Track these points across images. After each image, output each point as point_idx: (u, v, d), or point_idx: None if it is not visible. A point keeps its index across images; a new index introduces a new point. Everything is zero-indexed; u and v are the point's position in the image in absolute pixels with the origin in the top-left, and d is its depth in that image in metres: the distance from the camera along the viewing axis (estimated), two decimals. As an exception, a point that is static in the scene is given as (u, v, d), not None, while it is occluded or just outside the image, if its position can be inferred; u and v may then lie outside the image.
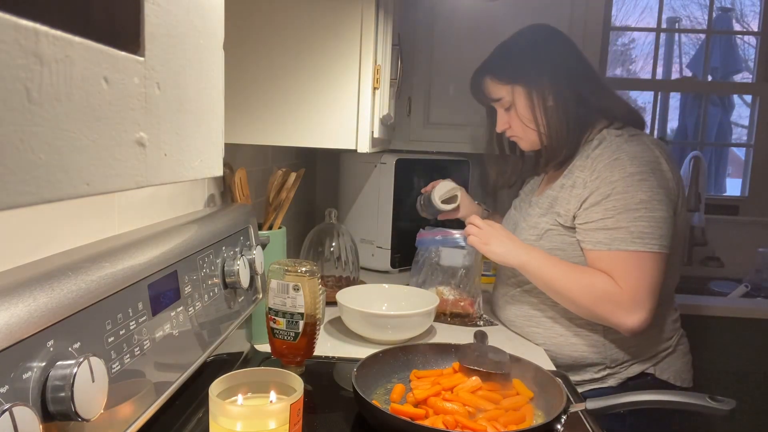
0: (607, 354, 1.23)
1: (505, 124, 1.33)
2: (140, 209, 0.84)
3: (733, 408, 0.80)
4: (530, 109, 1.27)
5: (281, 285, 0.97)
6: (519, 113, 1.29)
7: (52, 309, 0.47)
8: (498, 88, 1.30)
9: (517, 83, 1.28)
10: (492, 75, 1.31)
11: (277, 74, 1.13)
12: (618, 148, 1.18)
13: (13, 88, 0.24)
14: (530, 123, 1.28)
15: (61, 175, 0.27)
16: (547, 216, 1.25)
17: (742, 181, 2.57)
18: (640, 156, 1.17)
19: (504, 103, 1.31)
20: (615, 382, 1.24)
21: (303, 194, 1.97)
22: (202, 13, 0.44)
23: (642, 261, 1.12)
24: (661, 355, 1.25)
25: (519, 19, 1.95)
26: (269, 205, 1.19)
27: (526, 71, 1.28)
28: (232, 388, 0.71)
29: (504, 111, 1.32)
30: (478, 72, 1.35)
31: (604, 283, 1.14)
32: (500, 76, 1.30)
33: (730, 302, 2.11)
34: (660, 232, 1.13)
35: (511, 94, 1.29)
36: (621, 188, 1.14)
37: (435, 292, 1.38)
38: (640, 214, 1.13)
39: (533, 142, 1.32)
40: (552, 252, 1.23)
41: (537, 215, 1.28)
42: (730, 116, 2.81)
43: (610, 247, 1.14)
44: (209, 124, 0.47)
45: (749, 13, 3.15)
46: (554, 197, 1.25)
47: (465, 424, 0.83)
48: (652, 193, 1.14)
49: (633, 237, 1.12)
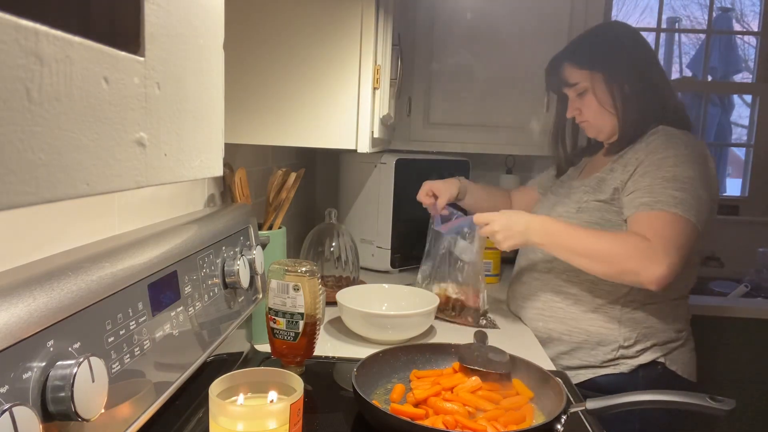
0: (621, 331, 1.26)
1: (576, 110, 1.38)
2: (140, 209, 0.84)
3: (733, 408, 0.80)
4: (609, 94, 1.32)
5: (281, 285, 0.97)
6: (597, 98, 1.33)
7: (52, 309, 0.47)
8: (576, 73, 1.35)
9: (597, 69, 1.33)
10: (571, 61, 1.36)
11: (277, 74, 1.13)
12: (674, 135, 1.26)
13: (13, 88, 0.24)
14: (610, 107, 1.32)
15: (61, 175, 0.27)
16: (592, 194, 1.30)
17: (742, 181, 2.58)
18: (694, 144, 1.24)
19: (579, 88, 1.35)
20: (627, 368, 1.26)
21: (303, 194, 1.97)
22: (202, 13, 0.44)
23: (679, 223, 1.16)
24: (672, 345, 1.28)
25: (519, 19, 1.96)
26: (269, 205, 1.19)
27: (606, 58, 1.34)
28: (232, 388, 0.71)
29: (576, 97, 1.37)
30: (557, 58, 1.40)
31: (633, 239, 1.16)
32: (580, 62, 1.35)
33: (730, 302, 2.11)
34: (699, 208, 1.17)
35: (588, 79, 1.33)
36: (672, 162, 1.20)
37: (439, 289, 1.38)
38: (687, 186, 1.18)
39: (600, 128, 1.37)
40: (589, 225, 1.27)
41: (581, 191, 1.34)
42: (730, 116, 2.81)
43: (652, 208, 1.17)
44: (209, 124, 0.47)
45: (749, 13, 3.15)
46: (602, 179, 1.31)
47: (465, 424, 0.83)
48: (699, 174, 1.19)
49: (676, 202, 1.16)
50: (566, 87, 1.39)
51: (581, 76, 1.34)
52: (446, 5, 1.96)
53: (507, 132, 2.00)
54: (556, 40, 1.90)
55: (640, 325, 1.27)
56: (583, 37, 1.42)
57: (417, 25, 1.97)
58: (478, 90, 1.99)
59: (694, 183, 1.18)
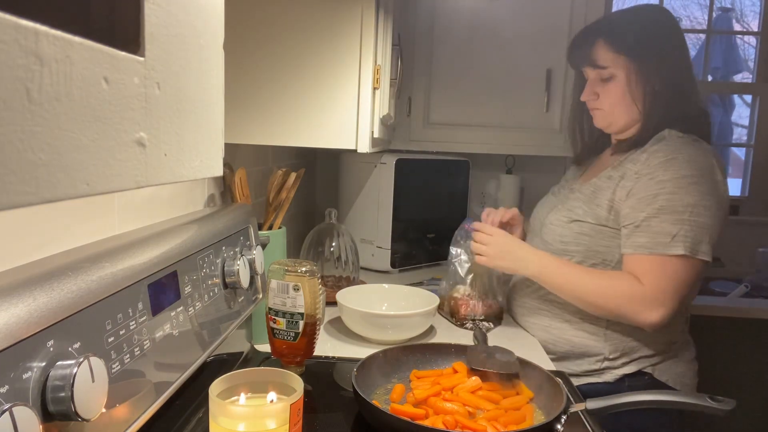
0: (606, 343, 1.23)
1: (594, 95, 1.27)
2: (140, 209, 0.84)
3: (733, 408, 0.81)
4: (640, 87, 1.21)
5: (281, 285, 0.97)
6: (628, 87, 1.22)
7: (52, 309, 0.47)
8: (608, 56, 1.23)
9: (633, 57, 1.21)
10: (607, 40, 1.23)
11: (277, 74, 1.13)
12: (676, 148, 1.17)
13: (13, 88, 0.24)
14: (637, 101, 1.22)
15: (61, 175, 0.27)
16: (585, 204, 1.25)
17: (742, 181, 2.57)
18: (696, 160, 1.15)
19: (606, 73, 1.24)
20: (612, 377, 1.23)
21: (303, 194, 1.97)
22: (202, 13, 0.44)
23: (677, 265, 1.12)
24: (662, 356, 1.24)
25: (519, 19, 1.96)
26: (269, 205, 1.19)
27: (646, 47, 1.22)
28: (232, 388, 0.71)
29: (598, 81, 1.26)
30: (590, 31, 1.27)
31: (628, 282, 1.14)
32: (617, 44, 1.22)
33: (730, 302, 2.10)
34: (701, 238, 1.12)
35: (621, 66, 1.22)
36: (670, 189, 1.13)
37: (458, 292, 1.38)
38: (685, 217, 1.12)
39: (614, 121, 1.27)
40: (579, 237, 1.23)
41: (576, 200, 1.28)
42: (730, 116, 2.81)
43: (651, 251, 1.13)
44: (209, 124, 0.47)
45: (749, 13, 3.15)
46: (599, 186, 1.25)
47: (465, 424, 0.83)
48: (700, 197, 1.12)
49: (675, 241, 1.11)
50: (591, 67, 1.25)
51: (613, 60, 1.22)
52: (446, 5, 1.96)
53: (507, 132, 2.00)
54: (556, 40, 1.91)
55: (627, 338, 1.22)
56: (623, 16, 1.30)
57: (417, 25, 1.97)
58: (478, 90, 1.99)
59: (694, 210, 1.12)
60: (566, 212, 1.28)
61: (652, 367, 1.23)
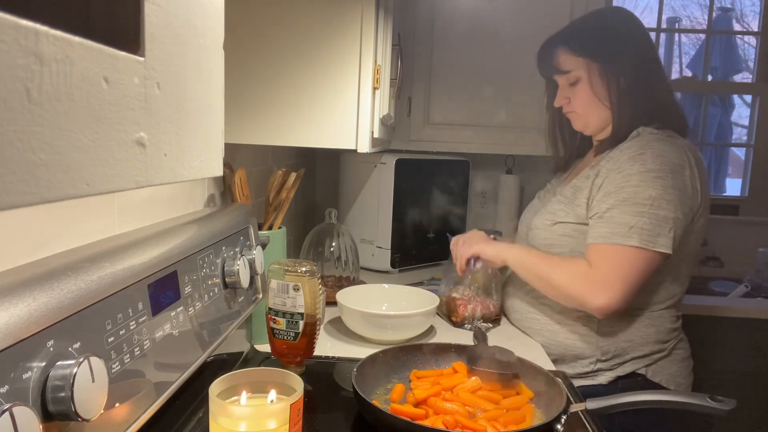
0: (598, 346, 1.24)
1: (565, 99, 1.31)
2: (140, 209, 0.84)
3: (733, 408, 0.80)
4: (605, 86, 1.25)
5: (281, 285, 0.97)
6: (593, 89, 1.26)
7: (52, 309, 0.47)
8: (571, 60, 1.27)
9: (594, 58, 1.25)
10: (567, 46, 1.27)
11: (277, 74, 1.13)
12: (647, 144, 1.19)
13: (13, 88, 0.24)
14: (604, 100, 1.25)
15: (61, 175, 0.27)
16: (567, 206, 1.27)
17: (742, 181, 2.58)
18: (665, 155, 1.17)
19: (572, 77, 1.27)
20: (606, 379, 1.24)
21: (303, 194, 1.97)
22: (202, 13, 0.44)
23: (631, 255, 1.13)
24: (654, 356, 1.24)
25: (519, 19, 1.96)
26: (269, 205, 1.19)
27: (605, 47, 1.26)
28: (232, 388, 0.71)
29: (567, 86, 1.30)
30: (551, 41, 1.31)
31: (580, 265, 1.17)
32: (576, 48, 1.26)
33: (730, 302, 2.11)
34: (659, 230, 1.13)
35: (583, 68, 1.26)
36: (635, 182, 1.15)
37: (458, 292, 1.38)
38: (645, 210, 1.13)
39: (588, 122, 1.31)
40: (562, 238, 1.26)
41: (557, 202, 1.30)
42: (730, 116, 2.81)
43: (607, 241, 1.15)
44: (209, 124, 0.47)
45: (749, 13, 3.15)
46: (578, 187, 1.27)
47: (465, 424, 0.83)
48: (663, 191, 1.14)
49: (631, 231, 1.13)
50: (557, 74, 1.30)
51: (576, 63, 1.26)
52: (446, 5, 1.96)
53: (507, 132, 2.00)
54: (556, 40, 1.91)
55: (619, 339, 1.23)
56: (582, 21, 1.34)
57: (417, 25, 1.97)
58: (478, 90, 1.99)
59: (654, 203, 1.13)
60: (549, 215, 1.29)
61: (646, 368, 1.23)
